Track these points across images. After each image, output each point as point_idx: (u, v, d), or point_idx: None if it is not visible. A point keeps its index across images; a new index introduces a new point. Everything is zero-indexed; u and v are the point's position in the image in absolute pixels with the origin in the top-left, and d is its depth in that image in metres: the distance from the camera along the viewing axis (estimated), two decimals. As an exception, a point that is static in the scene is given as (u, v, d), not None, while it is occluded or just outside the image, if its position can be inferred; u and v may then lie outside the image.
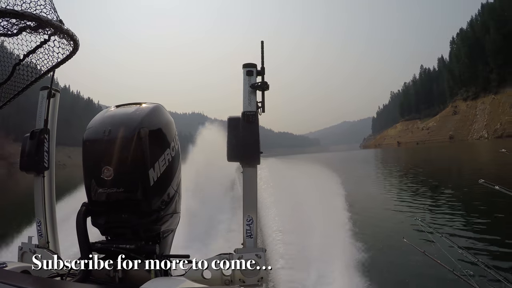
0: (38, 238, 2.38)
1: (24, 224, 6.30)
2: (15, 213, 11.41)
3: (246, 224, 1.96)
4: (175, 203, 2.03)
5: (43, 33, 1.23)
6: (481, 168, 23.36)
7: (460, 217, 9.55)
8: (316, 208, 6.06)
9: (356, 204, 8.88)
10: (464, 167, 27.18)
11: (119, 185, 1.68)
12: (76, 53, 1.43)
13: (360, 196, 10.75)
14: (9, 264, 1.71)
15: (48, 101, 2.44)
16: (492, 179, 3.36)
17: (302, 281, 3.88)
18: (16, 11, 1.01)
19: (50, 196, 2.48)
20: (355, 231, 5.75)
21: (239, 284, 1.84)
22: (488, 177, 6.52)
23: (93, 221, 1.82)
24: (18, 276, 1.47)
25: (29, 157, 2.32)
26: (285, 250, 4.36)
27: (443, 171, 24.76)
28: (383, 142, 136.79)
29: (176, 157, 2.02)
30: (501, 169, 19.07)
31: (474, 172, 20.35)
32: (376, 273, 4.42)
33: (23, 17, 1.04)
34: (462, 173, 22.42)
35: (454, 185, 15.88)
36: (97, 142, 1.72)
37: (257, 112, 2.03)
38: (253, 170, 2.02)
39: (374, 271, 4.44)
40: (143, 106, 1.90)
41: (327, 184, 9.71)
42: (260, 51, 2.08)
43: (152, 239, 1.88)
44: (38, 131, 2.35)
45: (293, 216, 5.65)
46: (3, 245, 6.18)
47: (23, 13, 1.02)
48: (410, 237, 6.81)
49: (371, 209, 10.49)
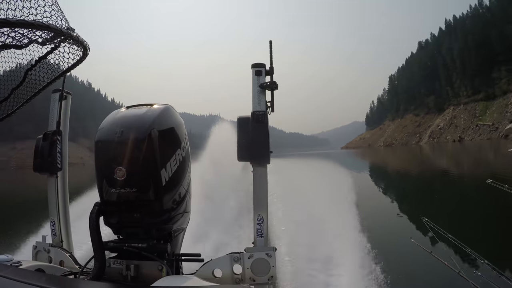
0: (52, 237, 2.43)
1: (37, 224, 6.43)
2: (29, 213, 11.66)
3: (257, 223, 1.97)
4: (186, 203, 2.05)
5: (53, 41, 1.25)
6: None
7: (465, 216, 9.53)
8: (320, 206, 6.04)
9: (358, 202, 8.83)
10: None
11: (131, 185, 1.70)
12: (86, 58, 1.46)
13: (359, 195, 10.73)
14: (23, 263, 1.75)
15: (60, 103, 2.48)
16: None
17: (311, 279, 3.88)
18: (26, 21, 1.02)
19: (64, 196, 2.53)
20: (362, 229, 5.72)
21: (249, 282, 1.85)
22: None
23: (106, 220, 1.85)
24: (32, 274, 1.50)
25: (42, 159, 2.35)
26: (293, 249, 4.37)
27: (447, 171, 24.66)
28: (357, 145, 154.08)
29: (187, 157, 2.05)
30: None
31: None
32: (382, 271, 4.40)
33: (32, 27, 1.06)
34: (465, 173, 22.45)
35: (460, 185, 16.02)
36: (109, 143, 1.75)
37: (266, 111, 2.03)
38: (263, 169, 2.02)
39: (380, 270, 4.42)
40: (154, 107, 1.92)
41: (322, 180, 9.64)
42: (269, 51, 2.09)
43: (163, 238, 1.91)
44: (50, 132, 2.39)
45: (292, 215, 5.64)
46: (18, 244, 6.33)
47: (32, 23, 1.03)
48: (416, 236, 6.80)
49: (373, 207, 10.49)
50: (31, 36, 1.17)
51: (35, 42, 1.22)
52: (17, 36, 1.15)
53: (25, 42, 1.22)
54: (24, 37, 1.17)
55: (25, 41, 1.21)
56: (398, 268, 4.91)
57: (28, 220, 9.24)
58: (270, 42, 2.11)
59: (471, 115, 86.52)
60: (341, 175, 13.67)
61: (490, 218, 9.04)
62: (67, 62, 1.43)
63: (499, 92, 78.99)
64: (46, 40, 1.22)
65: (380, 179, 22.30)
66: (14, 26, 1.03)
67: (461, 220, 9.00)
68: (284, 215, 5.55)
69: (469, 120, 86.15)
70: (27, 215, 11.09)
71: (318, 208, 6.02)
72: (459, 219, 9.07)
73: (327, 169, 16.55)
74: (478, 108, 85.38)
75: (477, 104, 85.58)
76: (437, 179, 20.76)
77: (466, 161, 32.92)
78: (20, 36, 1.15)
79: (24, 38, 1.18)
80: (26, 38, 1.18)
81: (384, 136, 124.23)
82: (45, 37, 1.19)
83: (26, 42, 1.22)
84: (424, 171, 26.28)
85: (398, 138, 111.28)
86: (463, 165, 29.15)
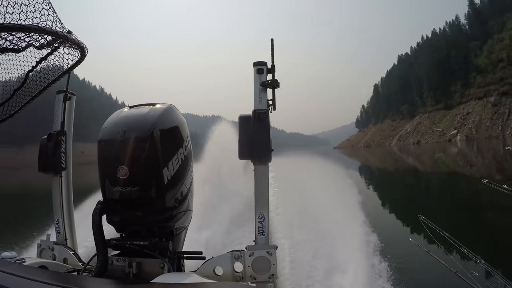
0: (57, 235, 2.46)
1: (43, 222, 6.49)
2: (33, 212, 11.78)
3: (258, 221, 1.97)
4: (188, 201, 2.07)
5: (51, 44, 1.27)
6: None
7: (462, 215, 9.66)
8: (320, 205, 6.03)
9: (357, 200, 8.86)
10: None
11: (133, 184, 1.72)
12: (84, 59, 1.48)
13: (358, 193, 10.79)
14: (27, 260, 1.77)
15: (64, 104, 2.50)
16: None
17: (312, 277, 3.89)
18: (23, 26, 1.04)
19: (68, 195, 2.56)
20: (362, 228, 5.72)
21: (250, 280, 1.85)
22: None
23: (108, 218, 1.87)
24: (35, 270, 1.52)
25: (46, 159, 2.38)
26: (295, 248, 4.37)
27: (443, 171, 25.98)
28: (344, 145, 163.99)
29: (189, 156, 2.06)
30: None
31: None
32: (382, 269, 4.40)
33: (29, 30, 1.07)
34: (459, 173, 23.11)
35: (456, 185, 16.52)
36: (112, 142, 1.77)
37: (268, 110, 2.02)
38: (264, 167, 2.02)
39: (380, 268, 4.42)
40: (156, 107, 1.93)
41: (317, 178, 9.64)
42: (270, 49, 2.08)
43: (165, 236, 1.93)
44: (55, 133, 2.41)
45: (292, 214, 5.63)
46: (24, 242, 6.39)
47: (29, 27, 1.05)
48: (412, 234, 6.79)
49: (371, 206, 10.53)
50: (28, 40, 1.19)
51: (32, 46, 1.24)
52: (15, 40, 1.17)
53: (22, 46, 1.24)
54: (22, 40, 1.18)
55: (23, 45, 1.23)
56: (398, 267, 4.90)
57: (34, 219, 9.34)
58: (271, 40, 2.10)
59: (431, 122, 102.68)
60: (328, 170, 13.71)
61: (484, 217, 9.18)
62: (66, 63, 1.45)
63: (455, 103, 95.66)
64: (43, 44, 1.23)
65: (352, 170, 24.12)
66: (11, 30, 1.05)
67: (456, 218, 9.03)
68: (283, 213, 5.54)
69: (428, 126, 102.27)
70: (33, 214, 11.19)
71: (318, 206, 6.00)
72: (454, 218, 9.08)
73: (316, 164, 16.61)
74: (437, 117, 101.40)
75: (437, 113, 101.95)
76: (420, 176, 22.75)
77: (413, 156, 44.53)
78: (17, 40, 1.17)
79: (21, 42, 1.20)
80: (23, 42, 1.20)
81: (365, 138, 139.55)
82: (42, 40, 1.21)
83: (23, 45, 1.24)
84: (386, 162, 36.21)
85: (376, 140, 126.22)
86: (411, 159, 40.15)
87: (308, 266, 4.09)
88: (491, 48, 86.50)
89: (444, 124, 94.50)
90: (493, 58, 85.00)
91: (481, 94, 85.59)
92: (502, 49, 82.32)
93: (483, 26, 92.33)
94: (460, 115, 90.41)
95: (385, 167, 33.71)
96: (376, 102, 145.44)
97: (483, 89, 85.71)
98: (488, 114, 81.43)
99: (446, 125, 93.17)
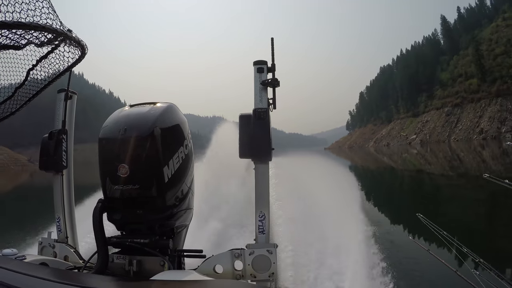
0: (58, 233, 2.46)
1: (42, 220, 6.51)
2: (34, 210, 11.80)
3: (259, 220, 1.97)
4: (188, 200, 2.07)
5: (51, 42, 1.28)
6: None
7: (461, 212, 9.68)
8: (319, 204, 6.02)
9: (355, 200, 8.88)
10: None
11: (134, 182, 1.72)
12: (84, 57, 1.48)
13: (358, 193, 10.84)
14: (28, 257, 1.78)
15: (65, 103, 2.50)
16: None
17: (312, 276, 3.89)
18: (22, 23, 1.05)
19: (69, 194, 2.56)
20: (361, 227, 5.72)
21: (250, 279, 1.86)
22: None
23: (109, 216, 1.88)
24: (35, 267, 1.52)
25: (48, 157, 2.38)
26: (295, 246, 4.37)
27: (442, 166, 27.57)
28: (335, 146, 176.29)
29: (190, 155, 2.06)
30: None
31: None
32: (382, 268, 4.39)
33: (29, 28, 1.08)
34: (460, 168, 24.27)
35: (456, 180, 16.80)
36: (112, 141, 1.77)
37: (268, 108, 2.02)
38: (265, 166, 2.02)
39: (380, 267, 4.41)
40: (157, 106, 1.93)
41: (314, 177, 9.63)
42: (271, 48, 2.08)
43: (166, 234, 1.93)
44: (56, 131, 2.41)
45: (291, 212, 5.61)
46: (26, 240, 6.41)
47: (29, 24, 1.06)
48: (411, 233, 6.79)
49: (366, 203, 10.61)
50: (29, 37, 1.20)
51: (33, 43, 1.25)
52: (15, 37, 1.18)
53: (22, 43, 1.24)
54: (22, 38, 1.19)
55: (23, 42, 1.23)
56: (398, 266, 4.89)
57: (36, 216, 9.36)
58: (271, 39, 2.09)
59: (400, 127, 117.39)
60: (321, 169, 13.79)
61: (484, 215, 9.15)
62: (67, 61, 1.46)
63: (420, 112, 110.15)
64: (43, 41, 1.24)
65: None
66: (11, 27, 1.06)
67: (455, 217, 9.00)
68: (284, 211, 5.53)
69: (398, 131, 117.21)
70: (35, 211, 11.21)
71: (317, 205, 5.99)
72: (453, 216, 9.05)
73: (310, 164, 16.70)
74: (406, 123, 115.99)
75: (407, 120, 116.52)
76: (415, 174, 23.51)
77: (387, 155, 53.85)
78: (18, 37, 1.18)
79: (21, 39, 1.20)
80: (23, 39, 1.21)
81: (350, 140, 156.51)
82: (42, 38, 1.21)
83: (24, 43, 1.24)
84: (368, 161, 43.40)
85: (358, 142, 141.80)
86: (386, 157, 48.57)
87: (309, 266, 4.08)
88: (456, 63, 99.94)
89: (409, 129, 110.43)
90: (455, 73, 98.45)
91: (439, 105, 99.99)
92: (463, 65, 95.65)
93: (454, 42, 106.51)
94: (421, 123, 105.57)
95: (368, 165, 37.79)
96: (361, 108, 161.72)
97: (441, 100, 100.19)
98: (441, 122, 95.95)
99: (410, 131, 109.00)
